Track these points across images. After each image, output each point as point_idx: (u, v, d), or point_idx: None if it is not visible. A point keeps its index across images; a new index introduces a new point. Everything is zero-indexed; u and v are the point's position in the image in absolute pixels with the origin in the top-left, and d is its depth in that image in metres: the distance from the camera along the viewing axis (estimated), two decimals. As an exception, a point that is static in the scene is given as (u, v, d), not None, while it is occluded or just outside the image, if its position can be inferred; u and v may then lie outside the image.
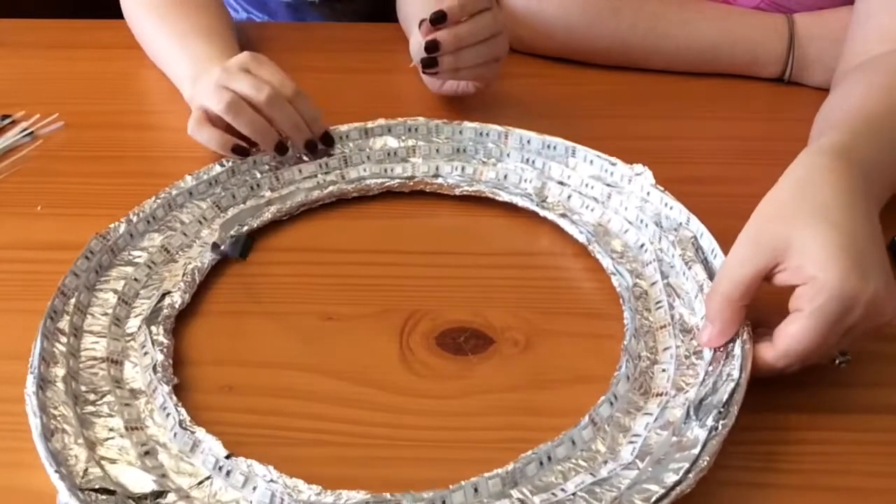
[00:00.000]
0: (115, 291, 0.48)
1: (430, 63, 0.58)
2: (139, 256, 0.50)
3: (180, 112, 0.63)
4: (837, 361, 0.41)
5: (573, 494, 0.36)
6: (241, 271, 0.51)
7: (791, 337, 0.39)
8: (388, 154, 0.58)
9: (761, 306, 0.42)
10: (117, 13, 0.75)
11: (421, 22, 0.57)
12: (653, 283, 0.48)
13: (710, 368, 0.41)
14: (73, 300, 0.46)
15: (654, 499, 0.34)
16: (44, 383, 0.41)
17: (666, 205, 0.51)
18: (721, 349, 0.42)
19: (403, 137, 0.59)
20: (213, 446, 0.39)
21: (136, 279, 0.49)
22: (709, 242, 0.48)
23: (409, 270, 0.51)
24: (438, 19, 0.56)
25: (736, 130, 0.65)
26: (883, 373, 0.44)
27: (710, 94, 0.69)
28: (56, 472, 0.36)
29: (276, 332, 0.47)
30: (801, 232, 0.39)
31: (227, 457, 0.38)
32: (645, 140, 0.63)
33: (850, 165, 0.42)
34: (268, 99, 0.55)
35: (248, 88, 0.55)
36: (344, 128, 0.59)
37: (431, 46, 0.57)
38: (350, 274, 0.51)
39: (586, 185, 0.54)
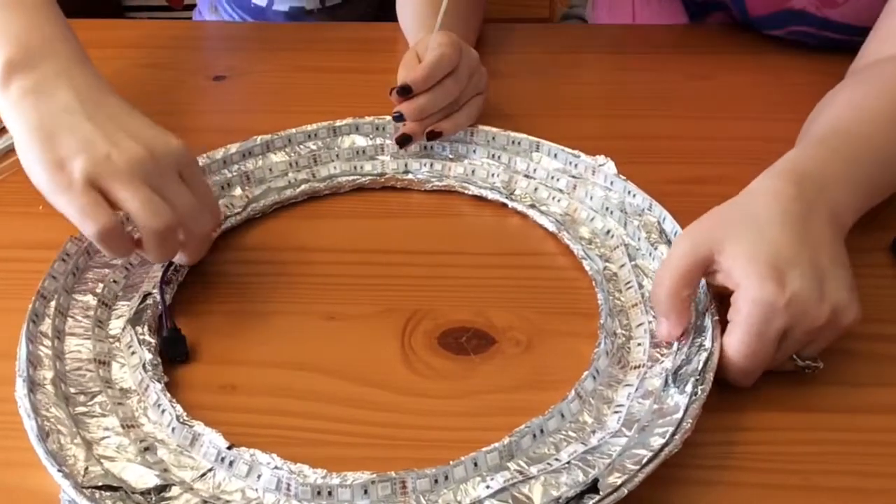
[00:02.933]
0: (95, 294, 0.48)
1: (403, 142, 0.58)
2: (116, 258, 0.50)
3: (179, 112, 0.61)
4: (802, 366, 0.43)
5: (567, 463, 0.38)
6: (223, 269, 0.51)
7: (729, 347, 0.42)
8: (357, 152, 0.60)
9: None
10: (115, 13, 0.73)
11: (391, 91, 0.58)
12: (621, 266, 0.50)
13: (682, 339, 0.44)
14: (53, 303, 0.46)
15: (644, 461, 0.37)
16: (33, 386, 0.41)
17: (629, 193, 0.54)
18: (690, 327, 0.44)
19: (371, 136, 0.61)
20: (213, 438, 0.39)
21: (114, 281, 0.49)
22: (671, 226, 0.51)
23: (411, 270, 0.51)
24: (403, 91, 0.57)
25: (736, 130, 0.64)
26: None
27: (710, 94, 0.69)
28: (59, 471, 0.36)
29: (271, 331, 0.47)
30: (733, 238, 0.42)
31: (229, 447, 0.39)
32: (645, 140, 0.63)
33: (797, 185, 0.43)
34: (205, 232, 0.49)
35: (188, 217, 0.46)
36: (312, 126, 0.60)
37: (399, 117, 0.58)
38: (351, 273, 0.51)
39: (552, 178, 0.57)
